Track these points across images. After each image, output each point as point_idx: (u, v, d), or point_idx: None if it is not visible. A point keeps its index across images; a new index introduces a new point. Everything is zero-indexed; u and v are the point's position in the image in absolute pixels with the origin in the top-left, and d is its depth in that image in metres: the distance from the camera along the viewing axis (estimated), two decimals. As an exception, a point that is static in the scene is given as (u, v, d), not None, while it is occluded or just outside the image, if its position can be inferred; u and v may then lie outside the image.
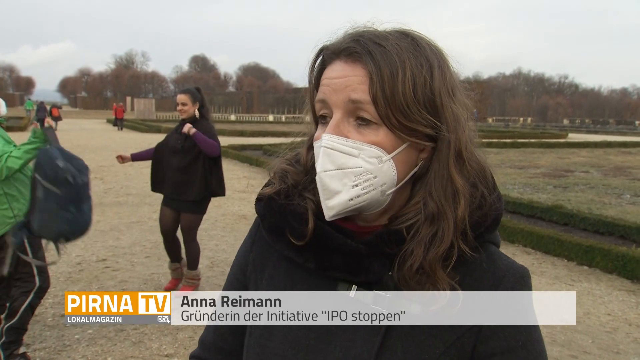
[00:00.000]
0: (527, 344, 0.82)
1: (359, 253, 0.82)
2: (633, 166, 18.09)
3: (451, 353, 0.80)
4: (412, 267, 0.79)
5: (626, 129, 62.18)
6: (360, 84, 0.78)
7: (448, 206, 0.80)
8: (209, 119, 5.05)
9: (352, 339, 0.83)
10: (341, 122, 0.80)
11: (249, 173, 14.57)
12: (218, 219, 8.50)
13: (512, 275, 0.84)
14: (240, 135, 31.48)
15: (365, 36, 0.80)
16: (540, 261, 6.66)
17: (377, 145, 0.79)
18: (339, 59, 0.81)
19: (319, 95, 0.83)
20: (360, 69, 0.78)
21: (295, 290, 0.88)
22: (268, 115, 71.37)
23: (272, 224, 0.90)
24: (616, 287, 5.75)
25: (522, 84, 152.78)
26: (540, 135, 37.93)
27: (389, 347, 0.81)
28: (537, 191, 11.62)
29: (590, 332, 4.53)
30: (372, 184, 0.79)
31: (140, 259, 6.08)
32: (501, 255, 0.87)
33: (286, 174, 0.92)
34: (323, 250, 0.84)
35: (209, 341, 1.01)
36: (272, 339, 0.87)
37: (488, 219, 0.84)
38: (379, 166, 0.79)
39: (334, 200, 0.80)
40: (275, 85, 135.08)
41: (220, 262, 6.19)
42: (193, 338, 4.10)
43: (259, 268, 0.94)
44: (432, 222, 0.80)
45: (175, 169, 4.85)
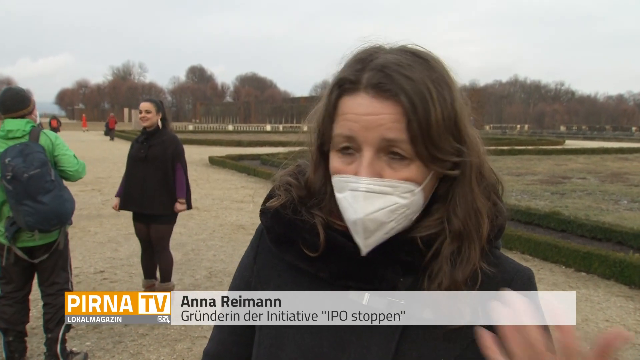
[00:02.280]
0: None
1: (371, 261, 0.83)
2: (630, 172, 18.12)
3: (467, 356, 0.81)
4: (441, 285, 0.80)
5: (623, 135, 62.33)
6: (394, 122, 0.76)
7: (472, 226, 0.82)
8: (170, 130, 5.01)
9: (366, 346, 0.83)
10: (374, 161, 0.79)
11: (246, 183, 14.58)
12: (216, 229, 8.49)
13: (520, 277, 0.86)
14: (237, 145, 31.53)
15: (392, 68, 0.78)
16: (538, 268, 6.66)
17: (410, 180, 0.79)
18: (364, 92, 0.78)
19: (342, 130, 0.80)
20: (393, 106, 0.77)
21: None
22: (265, 125, 71.54)
23: (281, 235, 0.89)
24: (614, 293, 5.76)
25: (519, 91, 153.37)
26: (537, 142, 38.03)
27: (404, 353, 0.81)
28: (534, 198, 11.64)
29: (589, 339, 4.52)
30: (404, 216, 0.81)
31: (138, 270, 6.05)
32: (507, 259, 0.89)
33: (290, 188, 0.92)
34: (336, 260, 0.85)
35: (213, 353, 1.01)
36: (283, 349, 0.87)
37: (495, 229, 0.86)
38: (412, 199, 0.80)
39: (372, 238, 0.80)
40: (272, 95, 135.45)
41: (218, 272, 6.18)
42: (191, 349, 4.09)
43: (264, 280, 0.94)
44: (457, 239, 0.82)
45: (138, 180, 4.74)
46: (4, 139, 3.44)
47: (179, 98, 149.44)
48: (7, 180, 3.30)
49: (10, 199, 3.36)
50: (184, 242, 7.54)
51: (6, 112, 3.48)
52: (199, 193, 12.15)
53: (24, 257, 3.52)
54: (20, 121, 3.46)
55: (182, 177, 4.81)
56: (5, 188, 3.35)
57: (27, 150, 3.37)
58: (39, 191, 3.37)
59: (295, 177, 0.94)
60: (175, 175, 4.79)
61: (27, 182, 3.32)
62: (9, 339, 3.57)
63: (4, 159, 3.30)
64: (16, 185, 3.31)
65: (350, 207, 0.80)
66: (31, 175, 3.33)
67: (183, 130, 51.19)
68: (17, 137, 3.43)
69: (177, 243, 7.09)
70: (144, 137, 4.81)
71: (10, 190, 3.33)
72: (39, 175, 3.37)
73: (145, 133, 4.81)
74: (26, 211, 3.34)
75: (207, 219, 9.41)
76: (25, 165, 3.32)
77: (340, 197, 0.82)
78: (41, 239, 3.52)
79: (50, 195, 3.40)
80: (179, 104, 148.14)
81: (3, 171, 3.30)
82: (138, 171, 4.77)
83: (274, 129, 62.73)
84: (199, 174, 16.45)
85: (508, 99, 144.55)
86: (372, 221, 0.79)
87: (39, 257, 3.56)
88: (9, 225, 3.43)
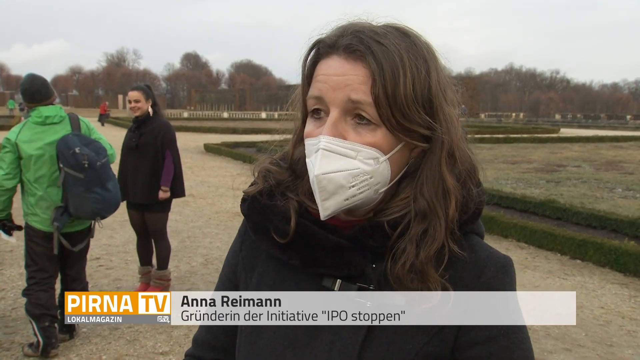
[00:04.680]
0: (509, 332, 0.82)
1: (340, 247, 0.83)
2: (625, 160, 18.19)
3: (434, 343, 0.81)
4: (405, 265, 0.79)
5: (617, 124, 62.47)
6: (361, 83, 0.77)
7: (439, 205, 0.81)
8: (162, 115, 4.96)
9: (338, 332, 0.84)
10: (338, 122, 0.79)
11: (242, 170, 14.39)
12: (212, 217, 8.48)
13: (493, 264, 0.84)
14: (233, 133, 31.43)
15: (366, 33, 0.79)
16: (533, 255, 6.69)
17: (375, 146, 0.79)
18: (337, 54, 0.80)
19: (313, 91, 0.82)
20: (362, 68, 0.77)
21: (284, 286, 0.89)
22: (261, 113, 71.28)
23: (257, 223, 0.90)
24: (609, 281, 5.79)
25: (514, 79, 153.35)
26: (533, 131, 38.05)
27: (374, 338, 0.82)
28: (529, 186, 11.67)
29: (584, 326, 4.56)
30: (367, 184, 0.80)
31: (134, 257, 6.03)
32: (483, 246, 0.87)
33: (269, 174, 0.93)
34: (306, 247, 0.85)
35: (202, 340, 1.03)
36: (261, 336, 0.88)
37: (469, 212, 0.85)
38: (375, 167, 0.79)
39: (330, 201, 0.80)
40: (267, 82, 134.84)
41: (214, 259, 6.18)
42: (188, 336, 4.09)
43: (249, 267, 0.96)
44: (423, 219, 0.81)
45: (131, 169, 4.73)
46: (41, 125, 3.56)
47: (174, 85, 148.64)
48: (82, 169, 3.43)
49: (78, 187, 3.47)
50: (180, 229, 7.53)
51: (41, 101, 3.60)
52: (195, 180, 12.12)
53: (68, 247, 3.66)
54: (55, 107, 3.63)
55: (170, 164, 4.77)
56: (73, 177, 3.45)
57: (84, 139, 3.54)
58: (107, 179, 3.58)
59: (274, 164, 0.94)
60: (164, 163, 4.77)
61: (100, 170, 3.50)
62: (45, 324, 3.63)
63: (73, 149, 3.41)
64: (90, 173, 3.46)
65: (312, 167, 0.80)
66: (103, 164, 3.53)
67: (178, 118, 50.94)
68: (55, 122, 3.60)
69: (173, 230, 7.08)
70: (135, 125, 4.78)
71: (81, 178, 3.45)
72: (107, 164, 3.60)
73: (136, 121, 4.78)
74: (95, 198, 3.51)
75: (203, 206, 9.39)
76: (95, 154, 3.50)
77: (308, 162, 0.82)
78: (79, 225, 3.70)
79: (112, 182, 3.64)
80: (173, 91, 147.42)
81: (77, 160, 3.41)
82: (130, 160, 4.76)
83: (270, 117, 62.55)
84: (194, 161, 16.40)
85: (503, 87, 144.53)
86: (330, 181, 0.78)
87: (79, 245, 3.74)
88: (59, 215, 3.54)
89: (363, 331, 0.82)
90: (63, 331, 3.84)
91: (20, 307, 4.37)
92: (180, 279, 5.45)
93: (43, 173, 3.53)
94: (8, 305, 4.63)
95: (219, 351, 1.00)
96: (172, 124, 5.01)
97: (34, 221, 3.60)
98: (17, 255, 5.98)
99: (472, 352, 0.81)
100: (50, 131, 3.56)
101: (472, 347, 0.81)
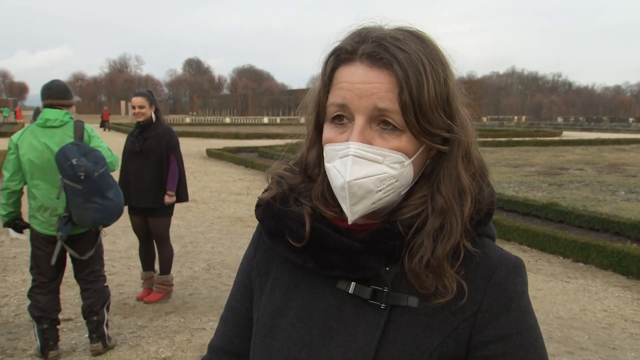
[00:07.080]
0: (522, 331, 0.83)
1: (354, 250, 0.84)
2: (627, 163, 18.16)
3: (448, 343, 0.82)
4: (422, 260, 0.81)
5: (620, 127, 62.37)
6: (387, 91, 0.78)
7: (456, 203, 0.83)
8: (163, 121, 4.99)
9: (353, 334, 0.85)
10: (365, 128, 0.80)
11: (244, 175, 14.56)
12: (214, 222, 8.49)
13: (505, 265, 0.86)
14: (235, 138, 31.48)
15: (388, 40, 0.80)
16: (536, 258, 6.68)
17: (400, 151, 0.81)
18: (359, 62, 0.81)
19: (336, 99, 0.82)
20: (387, 75, 0.79)
21: (299, 289, 0.91)
22: (263, 118, 71.38)
23: (272, 227, 0.92)
24: (612, 283, 5.78)
25: (516, 82, 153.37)
26: (535, 134, 38.04)
27: (388, 340, 0.83)
28: (532, 189, 11.65)
29: (587, 329, 4.55)
30: (393, 188, 0.82)
31: (136, 262, 6.05)
32: (494, 247, 0.89)
33: (282, 179, 0.94)
34: (320, 250, 0.86)
35: (217, 345, 1.04)
36: (276, 338, 0.89)
37: (481, 213, 0.87)
38: (401, 171, 0.81)
39: (358, 205, 0.82)
40: (269, 87, 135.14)
41: (216, 264, 6.18)
42: (190, 341, 4.10)
43: (263, 272, 0.97)
44: (440, 215, 0.83)
45: (134, 174, 4.73)
46: (41, 127, 3.57)
47: (176, 91, 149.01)
48: (78, 180, 3.42)
49: (77, 198, 3.48)
50: (182, 234, 7.54)
51: (50, 97, 3.62)
52: (197, 186, 12.14)
53: (75, 255, 3.69)
54: (59, 111, 3.62)
55: (174, 169, 4.80)
56: (72, 188, 3.46)
57: (83, 149, 3.52)
58: (107, 188, 3.56)
59: (289, 169, 0.96)
60: (169, 168, 4.78)
61: (98, 180, 3.49)
62: (43, 326, 3.66)
63: (70, 160, 3.41)
64: (88, 184, 3.45)
65: (338, 173, 0.81)
66: (101, 174, 3.51)
67: (180, 123, 50.98)
68: (54, 126, 3.59)
69: (176, 235, 7.08)
70: (138, 130, 4.79)
71: (79, 189, 3.45)
72: (106, 173, 3.58)
73: (139, 126, 4.79)
74: (95, 208, 3.51)
75: (205, 211, 9.40)
76: (93, 164, 3.48)
77: (329, 167, 0.84)
78: (80, 228, 3.67)
79: (113, 191, 3.62)
80: (175, 96, 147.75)
81: (74, 172, 3.41)
82: (133, 165, 4.76)
83: (272, 122, 62.57)
84: (196, 166, 16.42)
85: (505, 91, 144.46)
86: (360, 187, 0.80)
87: (87, 253, 3.73)
88: (62, 224, 3.56)
89: (378, 332, 0.83)
90: (94, 339, 3.81)
91: (23, 314, 4.39)
92: (182, 284, 5.45)
93: (39, 179, 3.55)
94: (11, 311, 4.64)
95: (233, 355, 1.01)
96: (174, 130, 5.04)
97: (34, 223, 3.63)
98: (20, 262, 6.00)
99: (487, 351, 0.83)
100: (48, 133, 3.56)
101: (486, 346, 0.83)
